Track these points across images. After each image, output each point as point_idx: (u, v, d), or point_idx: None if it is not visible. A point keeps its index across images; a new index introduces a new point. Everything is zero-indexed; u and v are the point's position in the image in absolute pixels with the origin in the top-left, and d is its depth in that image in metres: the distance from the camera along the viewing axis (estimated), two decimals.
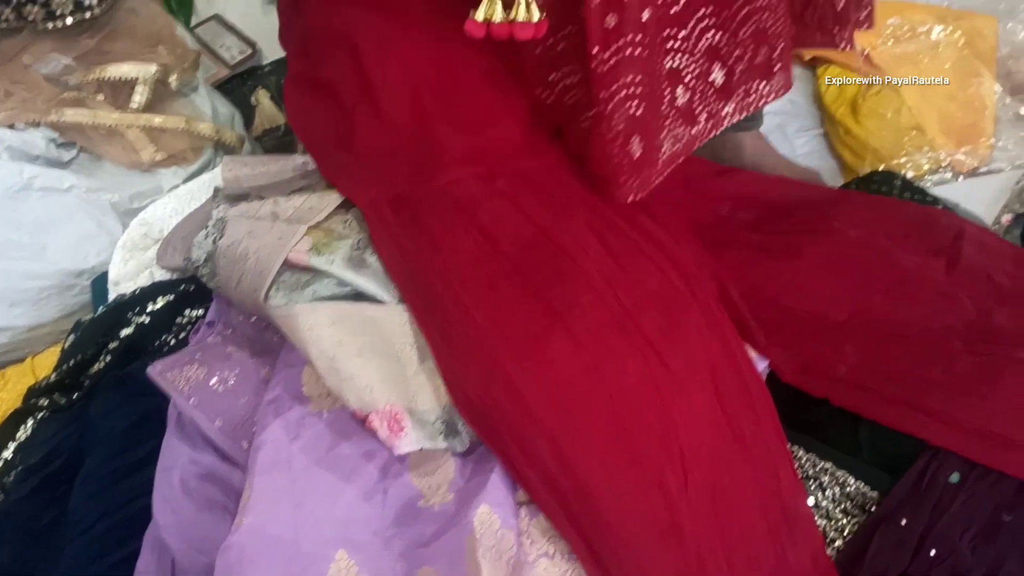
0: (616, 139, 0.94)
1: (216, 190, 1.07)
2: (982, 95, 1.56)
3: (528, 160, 1.03)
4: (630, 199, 1.01)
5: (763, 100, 1.15)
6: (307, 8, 1.13)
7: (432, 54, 1.03)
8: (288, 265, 0.91)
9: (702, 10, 0.99)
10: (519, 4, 0.86)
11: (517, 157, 1.03)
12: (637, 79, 0.93)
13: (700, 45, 1.01)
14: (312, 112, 1.10)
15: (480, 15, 0.87)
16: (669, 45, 0.98)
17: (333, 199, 0.99)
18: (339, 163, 1.05)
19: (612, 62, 0.90)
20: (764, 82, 1.14)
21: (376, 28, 1.04)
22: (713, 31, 1.01)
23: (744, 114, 1.14)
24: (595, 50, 0.88)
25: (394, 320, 0.87)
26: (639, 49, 0.91)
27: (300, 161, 1.08)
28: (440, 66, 1.04)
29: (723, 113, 1.10)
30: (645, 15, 0.90)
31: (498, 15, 0.87)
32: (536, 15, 0.87)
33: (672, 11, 0.96)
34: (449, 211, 0.95)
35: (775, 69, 1.14)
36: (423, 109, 1.01)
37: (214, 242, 0.95)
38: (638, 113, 0.95)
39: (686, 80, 1.02)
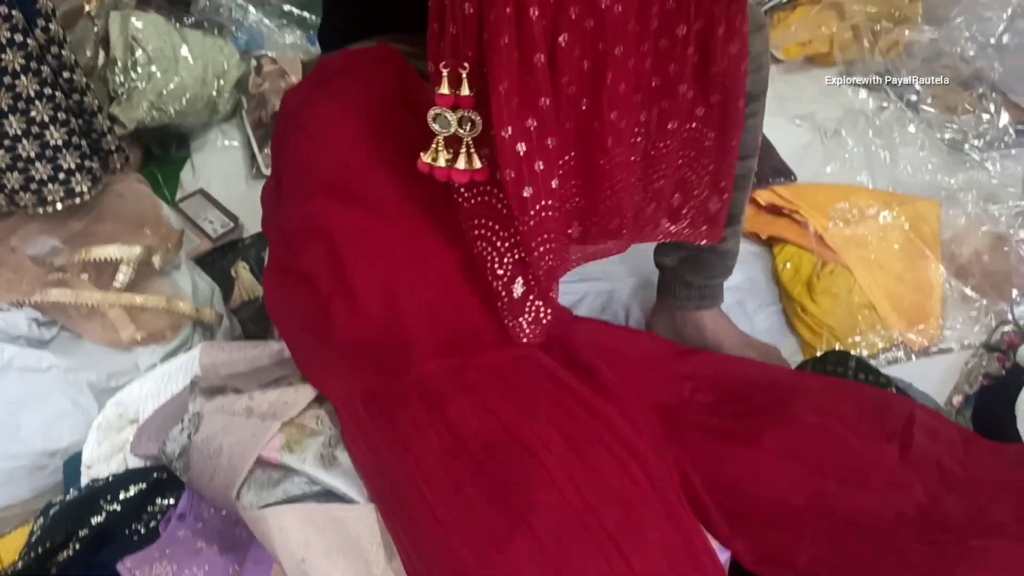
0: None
1: (193, 382, 1.11)
2: (929, 277, 1.65)
3: (496, 351, 1.08)
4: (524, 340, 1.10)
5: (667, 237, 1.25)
6: (288, 200, 1.20)
7: (407, 247, 1.10)
8: (260, 462, 0.93)
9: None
10: (463, 153, 0.98)
11: (486, 348, 1.08)
12: (550, 236, 1.04)
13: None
14: (289, 301, 1.15)
15: (427, 158, 0.98)
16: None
17: (307, 393, 1.03)
18: (314, 354, 1.09)
19: (531, 223, 1.01)
20: (669, 222, 1.24)
21: (353, 222, 1.11)
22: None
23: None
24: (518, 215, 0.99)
25: (362, 520, 0.90)
26: (550, 212, 1.02)
27: (276, 348, 1.12)
28: (415, 259, 1.10)
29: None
30: (554, 183, 1.01)
31: (441, 160, 0.98)
32: (477, 164, 0.99)
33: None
34: (419, 407, 0.99)
35: (683, 212, 1.22)
36: (397, 302, 1.07)
37: (189, 437, 0.98)
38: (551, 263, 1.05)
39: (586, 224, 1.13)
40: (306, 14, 2.44)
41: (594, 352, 1.23)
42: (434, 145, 0.98)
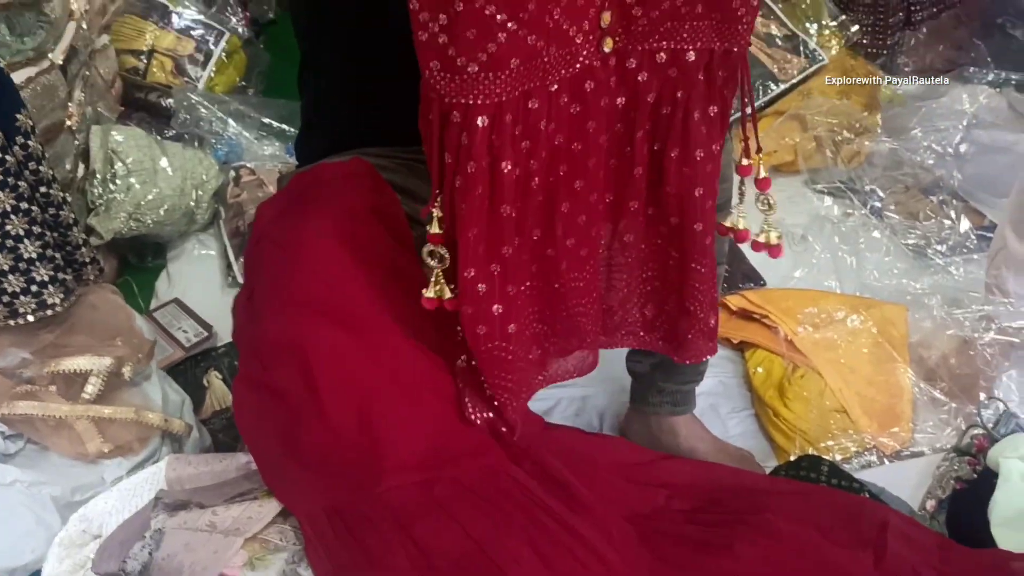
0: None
1: (157, 497, 1.09)
2: (898, 380, 1.67)
3: (468, 462, 1.08)
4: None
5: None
6: (260, 313, 1.21)
7: (379, 363, 1.10)
8: None
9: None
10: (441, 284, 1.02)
11: (457, 460, 1.07)
12: (510, 376, 1.08)
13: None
14: (258, 414, 1.14)
15: (431, 292, 1.03)
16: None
17: (272, 508, 1.01)
18: (280, 467, 1.08)
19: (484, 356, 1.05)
20: (644, 332, 1.28)
21: (325, 337, 1.11)
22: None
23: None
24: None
25: None
26: (507, 354, 1.06)
27: (244, 460, 1.12)
28: (389, 375, 1.10)
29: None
30: (511, 328, 1.05)
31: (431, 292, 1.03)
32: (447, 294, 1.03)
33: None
34: (386, 525, 0.98)
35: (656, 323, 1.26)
36: (369, 417, 1.07)
37: (150, 554, 0.96)
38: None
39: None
40: (284, 126, 2.50)
41: (567, 462, 1.23)
42: (434, 279, 1.02)
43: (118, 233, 2.05)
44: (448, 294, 1.02)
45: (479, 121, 0.92)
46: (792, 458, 1.52)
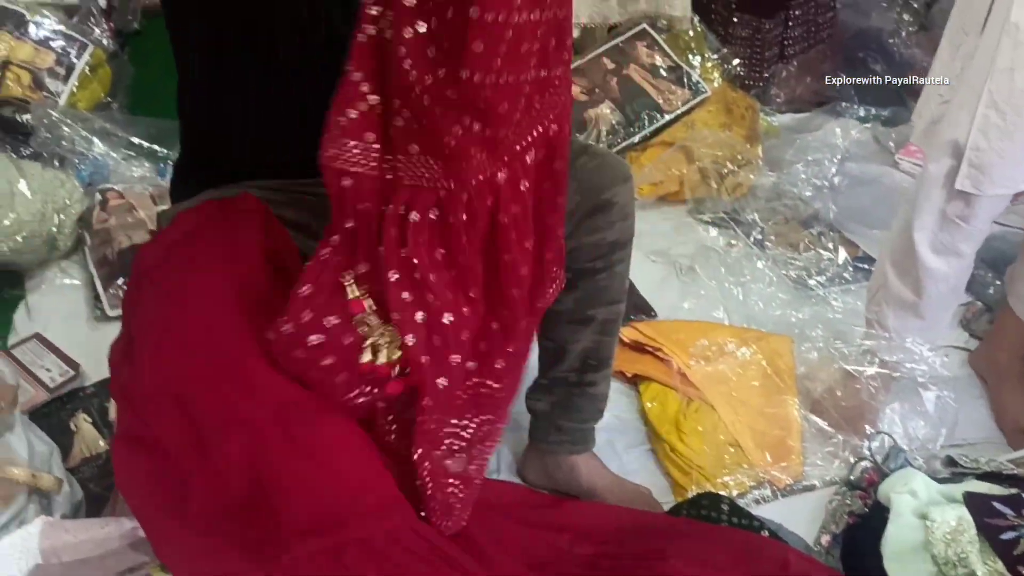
0: None
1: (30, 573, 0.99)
2: (787, 412, 1.71)
3: (373, 523, 1.02)
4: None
5: None
6: (141, 363, 1.11)
7: (276, 416, 1.03)
8: None
9: None
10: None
11: (364, 519, 1.02)
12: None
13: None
14: (141, 474, 1.05)
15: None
16: None
17: None
18: (170, 534, 1.00)
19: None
20: None
21: (214, 389, 1.04)
22: None
23: None
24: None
25: None
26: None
27: (129, 527, 1.03)
28: (283, 427, 1.03)
29: None
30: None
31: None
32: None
33: None
34: None
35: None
36: (265, 473, 1.00)
37: None
38: None
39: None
40: (155, 146, 2.36)
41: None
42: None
43: None
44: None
45: None
46: (691, 494, 1.53)
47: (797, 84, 2.72)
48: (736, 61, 2.47)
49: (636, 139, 2.30)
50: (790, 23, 2.63)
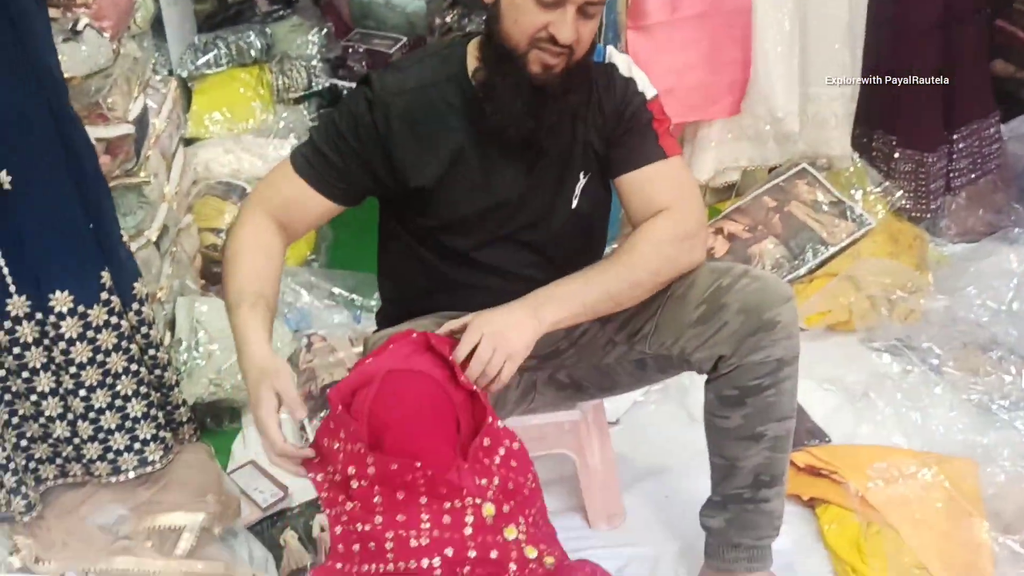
0: None
1: None
2: (975, 535, 1.65)
3: None
4: None
5: None
6: None
7: None
8: None
9: None
10: None
11: None
12: None
13: None
14: None
15: None
16: None
17: None
18: None
19: None
20: None
21: None
22: None
23: None
24: None
25: None
26: None
27: None
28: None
29: None
30: None
31: None
32: None
33: None
34: None
35: None
36: None
37: None
38: None
39: None
40: (353, 296, 2.62)
41: None
42: None
43: (199, 398, 2.13)
44: None
45: None
46: None
47: (968, 215, 2.71)
48: (899, 193, 2.51)
49: (801, 272, 2.36)
50: (954, 156, 2.65)
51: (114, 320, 1.38)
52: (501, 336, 1.30)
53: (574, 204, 1.47)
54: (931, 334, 2.19)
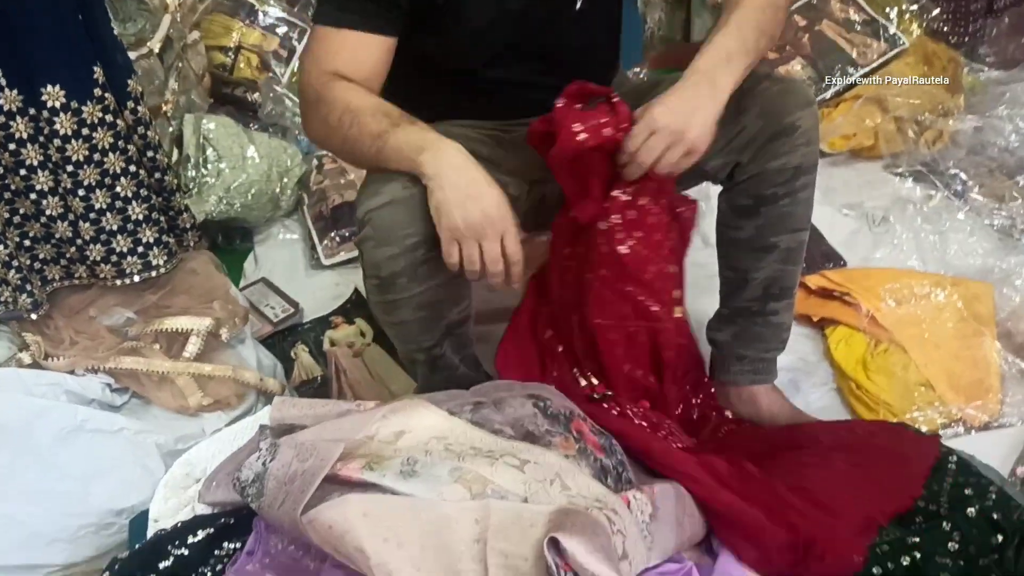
0: None
1: (262, 427, 1.14)
2: (985, 354, 1.64)
3: None
4: None
5: None
6: None
7: None
8: (339, 482, 0.94)
9: None
10: None
11: None
12: None
13: None
14: None
15: None
16: None
17: (374, 417, 1.04)
18: None
19: None
20: None
21: None
22: None
23: None
24: None
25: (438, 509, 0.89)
26: None
27: (346, 407, 1.15)
28: None
29: None
30: None
31: None
32: None
33: None
34: None
35: None
36: None
37: (264, 464, 1.00)
38: None
39: None
40: None
41: None
42: None
43: (209, 215, 2.13)
44: None
45: None
46: None
47: (1009, 42, 2.57)
48: (936, 12, 2.37)
49: (828, 94, 2.27)
50: None
51: (109, 118, 1.34)
52: (678, 131, 1.22)
53: (578, 5, 1.39)
54: (958, 159, 2.12)
